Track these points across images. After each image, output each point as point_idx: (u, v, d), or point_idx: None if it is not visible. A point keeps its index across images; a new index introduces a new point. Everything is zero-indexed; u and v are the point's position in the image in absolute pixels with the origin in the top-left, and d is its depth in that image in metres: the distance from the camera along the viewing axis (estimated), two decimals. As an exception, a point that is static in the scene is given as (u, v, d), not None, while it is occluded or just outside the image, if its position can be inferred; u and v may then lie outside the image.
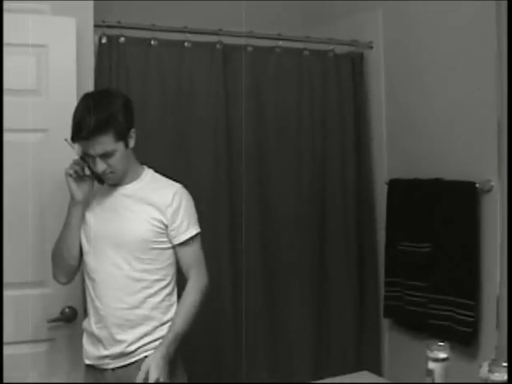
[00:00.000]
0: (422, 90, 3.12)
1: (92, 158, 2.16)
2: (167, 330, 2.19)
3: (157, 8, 3.27)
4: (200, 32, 3.04)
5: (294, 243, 3.28)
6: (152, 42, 2.95)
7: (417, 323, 3.06)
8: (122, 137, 2.16)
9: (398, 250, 3.14)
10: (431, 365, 1.93)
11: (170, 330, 2.17)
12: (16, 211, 2.48)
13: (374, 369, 3.06)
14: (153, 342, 2.19)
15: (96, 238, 2.24)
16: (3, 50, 2.42)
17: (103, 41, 2.84)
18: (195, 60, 3.04)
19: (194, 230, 2.28)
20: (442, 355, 1.93)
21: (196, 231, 2.29)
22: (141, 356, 2.18)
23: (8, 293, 2.46)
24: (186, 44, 3.01)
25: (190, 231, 2.26)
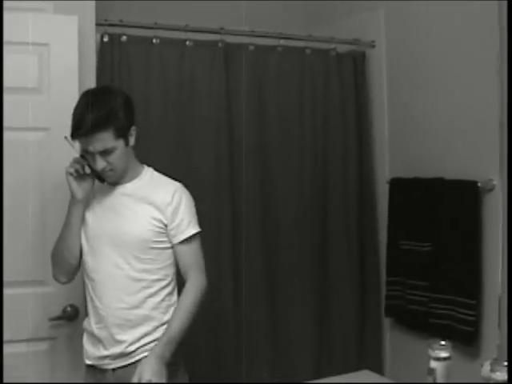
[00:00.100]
0: (424, 89, 3.12)
1: (92, 155, 2.14)
2: (163, 331, 2.16)
3: (159, 6, 3.27)
4: (202, 31, 3.04)
5: (295, 242, 3.28)
6: (154, 41, 2.95)
7: (418, 322, 3.06)
8: (122, 134, 2.14)
9: (399, 249, 3.14)
10: (433, 364, 1.93)
11: (166, 332, 2.14)
12: (17, 210, 2.48)
13: (376, 368, 3.06)
14: (153, 341, 2.17)
15: (95, 237, 2.22)
16: (5, 48, 2.41)
17: (105, 39, 2.85)
18: (197, 58, 3.04)
19: (193, 229, 2.25)
20: (444, 354, 1.92)
21: (195, 230, 2.25)
22: (141, 356, 2.15)
23: (10, 291, 2.46)
24: (187, 43, 3.01)
25: (189, 230, 2.23)
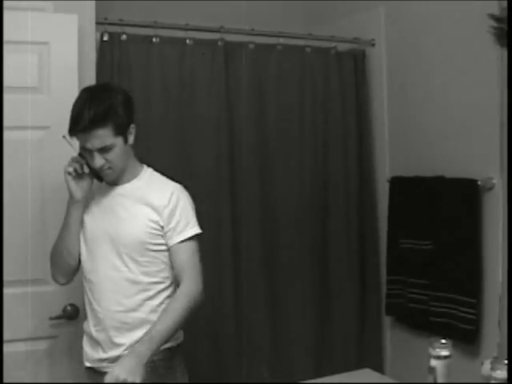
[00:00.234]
0: (424, 88, 3.12)
1: (90, 152, 2.10)
2: (145, 332, 2.06)
3: (158, 5, 3.27)
4: (202, 29, 3.04)
5: (295, 241, 3.28)
6: (154, 40, 2.94)
7: (419, 321, 3.06)
8: (121, 131, 2.10)
9: (399, 248, 3.14)
10: (433, 362, 1.92)
11: (148, 332, 2.03)
12: (17, 208, 2.48)
13: (376, 366, 3.06)
14: None
15: (93, 238, 2.19)
16: (5, 47, 2.40)
17: (105, 38, 2.84)
18: (197, 57, 3.04)
19: (190, 231, 2.18)
20: (444, 353, 1.92)
21: (192, 233, 2.18)
22: None
23: (10, 290, 2.46)
24: (187, 41, 3.01)
25: (185, 233, 2.16)
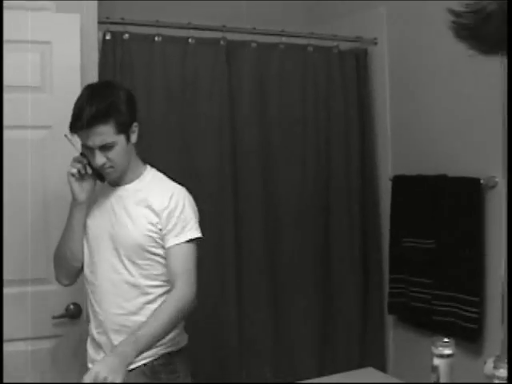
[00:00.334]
0: (427, 86, 3.12)
1: (91, 150, 2.06)
2: (130, 332, 2.00)
3: (161, 4, 3.27)
4: (204, 28, 3.04)
5: (297, 240, 3.28)
6: (156, 39, 2.95)
7: (421, 320, 3.05)
8: (123, 129, 2.06)
9: (402, 247, 3.14)
10: (436, 361, 1.92)
11: (134, 333, 1.95)
12: (19, 208, 2.48)
13: (379, 365, 3.06)
14: (152, 349, 2.06)
15: (94, 240, 2.17)
16: (7, 46, 2.41)
17: (107, 37, 2.85)
18: (199, 56, 3.04)
19: (187, 235, 2.11)
20: (447, 351, 1.92)
21: (189, 237, 2.12)
22: (139, 363, 2.08)
23: (13, 290, 2.46)
24: (189, 40, 3.01)
25: (182, 236, 2.11)
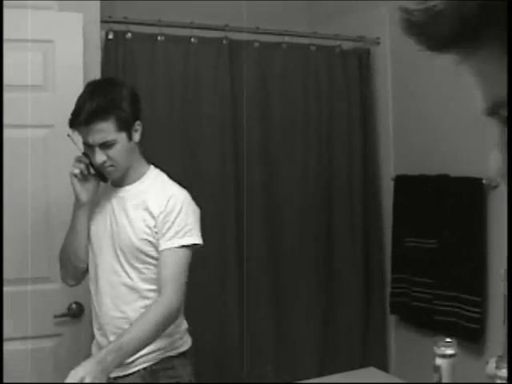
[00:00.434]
0: (429, 86, 3.11)
1: (91, 148, 2.00)
2: (115, 339, 1.95)
3: (163, 3, 3.26)
4: (207, 28, 3.04)
5: (299, 240, 3.27)
6: (159, 38, 2.95)
7: (423, 319, 3.05)
8: (124, 127, 2.00)
9: (404, 247, 3.14)
10: (438, 361, 1.92)
11: (116, 340, 1.91)
12: (21, 207, 2.48)
13: (381, 365, 3.06)
14: (151, 353, 2.05)
15: (96, 242, 2.13)
16: (10, 45, 2.41)
17: (110, 36, 2.85)
18: (202, 55, 3.04)
19: (180, 240, 2.02)
20: (449, 351, 1.92)
21: (182, 243, 2.02)
22: (139, 367, 2.06)
23: (15, 289, 2.47)
24: (192, 40, 3.01)
25: (174, 241, 2.02)
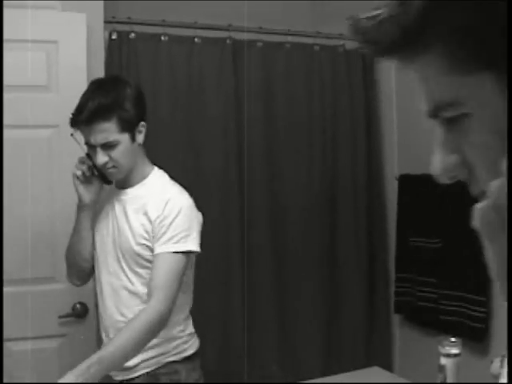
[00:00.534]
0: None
1: (93, 148, 1.95)
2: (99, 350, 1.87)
3: (167, 4, 3.26)
4: (210, 28, 3.04)
5: (304, 239, 3.27)
6: (162, 38, 2.95)
7: (428, 319, 3.05)
8: (127, 128, 1.94)
9: (408, 246, 3.13)
10: (443, 360, 1.92)
11: (100, 351, 1.82)
12: (25, 207, 2.48)
13: (385, 364, 3.06)
14: (154, 358, 2.03)
15: (100, 243, 2.11)
16: (13, 46, 2.42)
17: (113, 36, 2.85)
18: (205, 55, 3.04)
19: (174, 246, 1.93)
20: (454, 351, 1.92)
21: (177, 249, 1.93)
22: (142, 372, 2.04)
23: (19, 289, 2.47)
24: (196, 40, 3.02)
25: (169, 246, 1.93)
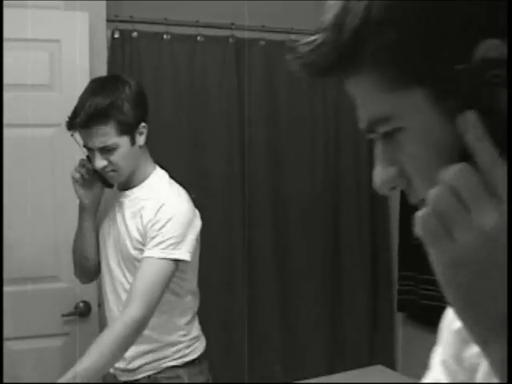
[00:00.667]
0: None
1: (92, 152, 1.90)
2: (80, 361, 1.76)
3: (169, 2, 3.25)
4: (213, 26, 3.04)
5: (307, 239, 3.27)
6: (165, 37, 2.95)
7: (431, 317, 3.02)
8: (126, 131, 1.87)
9: (411, 244, 3.13)
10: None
11: (74, 367, 1.71)
12: (28, 206, 2.48)
13: (389, 363, 3.06)
14: (155, 361, 2.00)
15: (103, 244, 2.08)
16: (16, 45, 2.42)
17: (116, 35, 2.86)
18: (208, 54, 3.04)
19: (162, 252, 1.84)
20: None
21: (163, 256, 1.84)
22: (143, 375, 2.02)
23: (22, 288, 2.47)
24: (198, 38, 3.02)
25: (155, 251, 1.85)
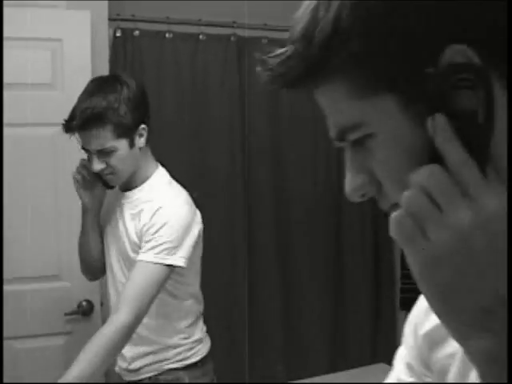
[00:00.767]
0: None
1: (90, 154, 1.87)
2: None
3: (171, 1, 3.25)
4: (215, 25, 3.04)
5: (308, 239, 3.27)
6: (166, 35, 2.95)
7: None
8: (124, 133, 1.82)
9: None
10: (448, 358, 1.91)
11: (62, 378, 1.66)
12: (31, 205, 2.48)
13: (391, 361, 3.04)
14: (156, 363, 2.00)
15: (106, 247, 2.07)
16: (18, 44, 2.42)
17: (118, 34, 2.86)
18: (210, 52, 3.04)
19: (155, 257, 1.80)
20: (460, 349, 1.91)
21: (158, 261, 1.80)
22: (145, 376, 2.01)
23: (25, 287, 2.48)
24: (200, 37, 3.01)
25: (149, 255, 1.81)
